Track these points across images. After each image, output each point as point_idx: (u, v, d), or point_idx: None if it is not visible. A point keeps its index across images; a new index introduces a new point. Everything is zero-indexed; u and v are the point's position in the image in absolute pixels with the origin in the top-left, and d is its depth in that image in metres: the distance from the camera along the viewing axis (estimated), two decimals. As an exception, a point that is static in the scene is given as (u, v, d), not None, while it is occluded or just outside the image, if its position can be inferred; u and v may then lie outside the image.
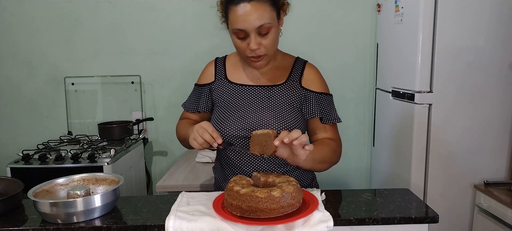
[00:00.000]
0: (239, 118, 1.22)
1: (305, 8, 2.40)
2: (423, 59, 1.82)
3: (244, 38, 1.14)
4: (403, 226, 1.01)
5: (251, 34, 1.12)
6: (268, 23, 1.11)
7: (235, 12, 1.11)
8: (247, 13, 1.09)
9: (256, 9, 1.10)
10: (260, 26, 1.11)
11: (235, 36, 1.15)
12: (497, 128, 1.88)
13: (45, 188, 1.09)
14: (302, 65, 1.31)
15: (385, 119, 2.22)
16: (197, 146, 1.11)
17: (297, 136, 0.99)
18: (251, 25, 1.10)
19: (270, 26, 1.13)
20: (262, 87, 1.27)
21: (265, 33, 1.13)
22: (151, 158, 2.62)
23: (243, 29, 1.11)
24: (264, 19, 1.10)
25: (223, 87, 1.30)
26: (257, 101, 1.25)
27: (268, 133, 1.02)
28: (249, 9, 1.09)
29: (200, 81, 1.37)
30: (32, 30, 2.46)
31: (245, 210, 0.90)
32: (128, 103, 2.53)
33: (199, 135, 1.10)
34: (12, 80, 2.52)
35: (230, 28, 1.16)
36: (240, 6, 1.10)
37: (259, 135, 1.03)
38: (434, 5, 1.77)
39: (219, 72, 1.33)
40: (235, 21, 1.12)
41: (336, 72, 2.49)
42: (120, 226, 0.98)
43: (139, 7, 2.43)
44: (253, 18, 1.09)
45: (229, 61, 1.35)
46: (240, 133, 1.21)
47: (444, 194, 1.91)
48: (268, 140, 1.01)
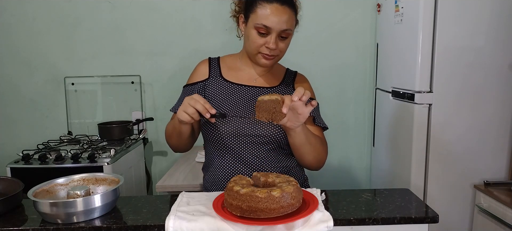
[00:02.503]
0: (234, 116, 1.23)
1: (305, 8, 2.38)
2: (423, 59, 1.82)
3: (264, 35, 1.17)
4: (403, 226, 1.01)
5: (273, 34, 1.17)
6: (290, 29, 1.19)
7: (266, 8, 1.15)
8: (277, 14, 1.14)
9: (285, 12, 1.16)
10: (284, 29, 1.17)
11: (256, 31, 1.18)
12: (497, 128, 1.88)
13: (45, 188, 1.09)
14: (294, 73, 1.38)
15: (385, 119, 2.22)
16: (187, 117, 1.07)
17: (302, 92, 1.00)
18: (278, 26, 1.15)
19: (290, 33, 1.20)
20: (256, 88, 1.29)
21: (284, 37, 1.19)
22: (151, 158, 2.62)
23: (270, 27, 1.15)
24: (289, 24, 1.17)
25: (218, 85, 1.30)
26: (253, 101, 1.26)
27: (277, 99, 0.99)
28: (280, 10, 1.15)
29: (191, 80, 1.34)
30: (32, 30, 2.46)
31: (245, 210, 0.90)
32: (128, 103, 2.53)
33: (190, 105, 1.06)
34: (12, 80, 2.52)
35: (253, 22, 1.17)
36: (273, 4, 1.15)
37: (266, 101, 1.00)
38: (434, 5, 1.77)
39: (214, 70, 1.33)
40: (264, 17, 1.15)
41: (336, 72, 2.49)
42: (120, 226, 0.98)
43: (139, 7, 2.43)
44: (282, 20, 1.15)
45: (224, 62, 1.35)
46: (235, 130, 1.21)
47: (444, 194, 1.91)
48: (277, 107, 0.99)
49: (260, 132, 1.22)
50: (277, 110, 1.00)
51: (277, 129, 1.21)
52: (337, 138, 2.52)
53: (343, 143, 2.59)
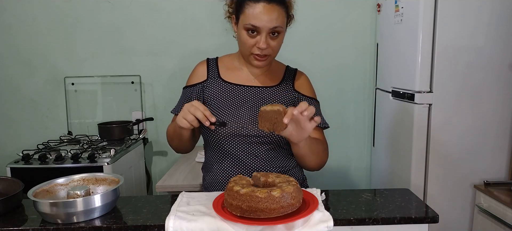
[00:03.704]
0: (233, 117, 1.22)
1: (305, 8, 2.40)
2: (423, 59, 1.82)
3: (254, 35, 1.16)
4: (403, 226, 1.01)
5: (263, 33, 1.15)
6: (280, 26, 1.16)
7: (253, 8, 1.13)
8: (265, 12, 1.13)
9: (274, 10, 1.13)
10: (274, 27, 1.15)
11: (245, 31, 1.17)
12: (497, 128, 1.88)
13: (45, 188, 1.09)
14: (294, 71, 1.36)
15: (385, 119, 2.22)
16: (186, 124, 1.08)
17: (305, 107, 0.99)
18: (266, 24, 1.14)
19: (281, 30, 1.18)
20: (256, 88, 1.28)
21: (275, 36, 1.17)
22: (151, 158, 2.62)
23: (258, 26, 1.14)
24: (278, 21, 1.15)
25: (217, 86, 1.29)
26: (252, 101, 1.26)
27: (278, 109, 1.00)
28: (267, 9, 1.13)
29: (190, 82, 1.34)
30: (32, 30, 2.46)
31: (245, 210, 0.90)
32: (128, 103, 2.53)
33: (190, 112, 1.07)
34: (12, 80, 2.52)
35: (242, 22, 1.17)
36: (259, 4, 1.13)
37: (268, 111, 1.01)
38: (434, 5, 1.77)
39: (212, 71, 1.32)
40: (251, 17, 1.14)
41: (336, 72, 2.49)
42: (120, 226, 0.98)
43: (139, 7, 2.43)
44: (270, 18, 1.13)
45: (222, 62, 1.35)
46: (233, 131, 1.21)
47: (444, 194, 1.91)
48: (278, 117, 0.99)
49: (259, 132, 1.21)
50: (278, 121, 1.00)
51: None
52: (337, 138, 2.52)
53: (343, 143, 2.58)
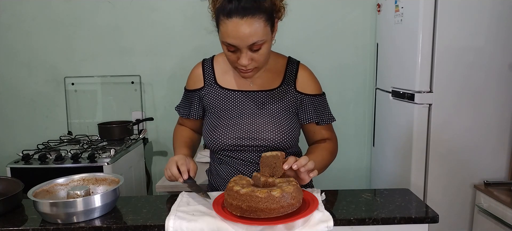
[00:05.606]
0: (232, 126, 1.19)
1: (305, 8, 2.40)
2: (423, 59, 1.82)
3: (234, 51, 1.07)
4: (403, 226, 1.01)
5: (243, 50, 1.05)
6: (261, 40, 1.04)
7: (227, 25, 1.02)
8: (240, 29, 1.01)
9: (249, 25, 1.01)
10: (252, 44, 1.03)
11: (226, 47, 1.08)
12: (497, 128, 1.88)
13: (45, 188, 1.09)
14: (296, 67, 1.24)
15: (385, 119, 2.22)
16: (167, 177, 1.16)
17: (305, 163, 1.00)
18: (243, 42, 1.03)
19: (263, 42, 1.05)
20: (255, 93, 1.21)
21: (257, 49, 1.06)
22: (151, 158, 2.62)
23: (234, 45, 1.04)
24: (257, 36, 1.02)
25: (214, 93, 1.24)
26: (251, 107, 1.20)
27: (277, 155, 1.02)
28: (241, 25, 1.00)
29: (188, 86, 1.30)
30: (32, 30, 2.46)
31: (245, 210, 0.90)
32: (128, 103, 2.53)
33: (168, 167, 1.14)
34: (12, 81, 2.52)
35: (221, 39, 1.08)
36: (232, 20, 1.01)
37: (268, 157, 1.03)
38: (434, 5, 1.77)
39: (208, 77, 1.26)
40: (226, 35, 1.03)
41: (336, 72, 2.49)
42: (120, 226, 0.98)
43: (139, 7, 2.42)
44: (246, 35, 1.01)
45: (218, 63, 1.26)
46: (233, 141, 1.18)
47: (444, 194, 1.91)
48: (277, 162, 1.02)
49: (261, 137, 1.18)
50: (277, 166, 1.02)
51: (276, 132, 1.17)
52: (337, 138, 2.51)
53: (343, 143, 2.55)
